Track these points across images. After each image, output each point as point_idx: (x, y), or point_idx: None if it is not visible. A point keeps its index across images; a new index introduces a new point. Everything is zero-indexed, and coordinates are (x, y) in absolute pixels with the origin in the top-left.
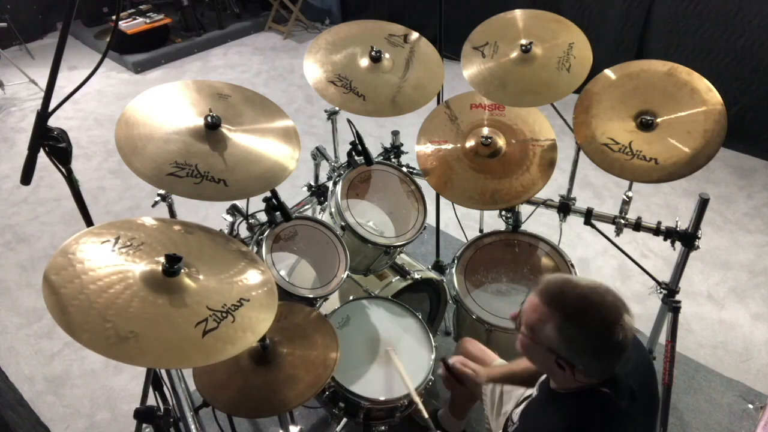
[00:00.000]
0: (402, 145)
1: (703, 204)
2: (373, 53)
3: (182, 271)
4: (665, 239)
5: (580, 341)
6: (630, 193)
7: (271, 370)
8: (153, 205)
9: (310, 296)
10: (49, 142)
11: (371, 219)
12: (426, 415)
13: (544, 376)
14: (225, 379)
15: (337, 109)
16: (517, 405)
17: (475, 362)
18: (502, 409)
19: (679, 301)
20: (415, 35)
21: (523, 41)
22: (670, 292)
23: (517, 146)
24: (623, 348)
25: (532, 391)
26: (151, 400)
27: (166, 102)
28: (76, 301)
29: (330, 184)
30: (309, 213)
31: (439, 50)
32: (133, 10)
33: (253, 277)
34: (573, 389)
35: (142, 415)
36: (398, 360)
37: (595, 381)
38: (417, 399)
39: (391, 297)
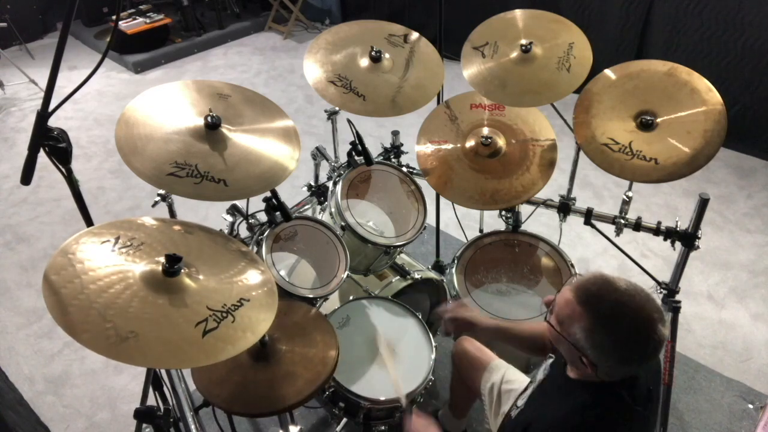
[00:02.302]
0: (402, 145)
1: (703, 204)
2: (373, 53)
3: (182, 271)
4: (665, 239)
5: (608, 347)
6: (630, 193)
7: (269, 367)
8: (153, 205)
9: (310, 296)
10: (49, 142)
11: (371, 219)
12: (403, 402)
13: (553, 359)
14: (223, 375)
15: (337, 109)
16: (524, 391)
17: (473, 361)
18: (501, 409)
19: (679, 301)
20: (415, 35)
21: (523, 41)
22: (670, 292)
23: (517, 146)
24: (650, 357)
25: (537, 375)
26: (151, 400)
27: (166, 102)
28: (76, 301)
29: (330, 184)
30: (309, 213)
31: (439, 50)
32: (133, 10)
33: (253, 277)
34: (592, 381)
35: (142, 415)
36: (389, 357)
37: (613, 380)
38: (402, 391)
39: (391, 297)
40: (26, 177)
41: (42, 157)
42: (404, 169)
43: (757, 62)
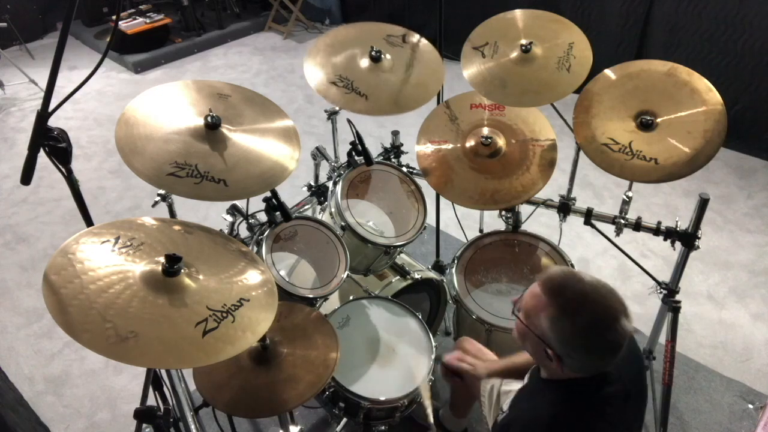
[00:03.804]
0: (402, 145)
1: (703, 204)
2: (373, 53)
3: (182, 271)
4: (665, 239)
5: (570, 335)
6: (630, 193)
7: (271, 370)
8: (153, 205)
9: (310, 296)
10: (49, 142)
11: (371, 219)
12: (431, 419)
13: (535, 365)
14: (225, 379)
15: (337, 108)
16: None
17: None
18: (500, 410)
19: (679, 301)
20: (413, 36)
21: (523, 41)
22: (670, 292)
23: (517, 146)
24: (613, 350)
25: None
26: (151, 400)
27: (166, 102)
28: (76, 301)
29: (330, 184)
30: (309, 213)
31: (439, 50)
32: (133, 10)
33: (253, 277)
34: (562, 379)
35: (142, 415)
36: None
37: (584, 376)
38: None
39: (391, 297)
40: (26, 177)
41: (42, 157)
42: (404, 169)
43: (757, 62)
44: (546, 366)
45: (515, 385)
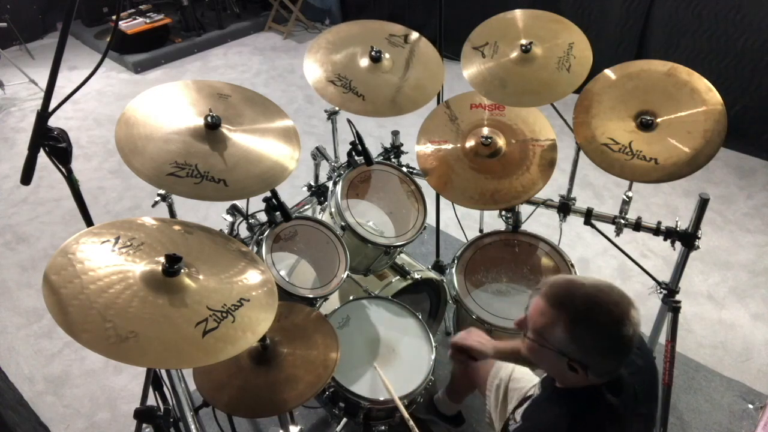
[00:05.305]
0: (402, 145)
1: (703, 204)
2: (373, 53)
3: (182, 271)
4: (665, 239)
5: (591, 341)
6: (630, 193)
7: (271, 370)
8: (153, 205)
9: (310, 296)
10: (49, 142)
11: (371, 219)
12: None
13: (546, 374)
14: (225, 379)
15: (337, 109)
16: (520, 404)
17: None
18: (507, 406)
19: (679, 301)
20: (415, 35)
21: (523, 41)
22: (670, 292)
23: (517, 146)
24: (632, 343)
25: (536, 390)
26: (151, 400)
27: (166, 102)
28: (76, 301)
29: (330, 184)
30: (309, 213)
31: (439, 50)
32: (133, 10)
33: (253, 277)
34: (577, 388)
35: (142, 415)
36: (383, 374)
37: (601, 381)
38: (402, 408)
39: (391, 297)
40: (26, 177)
41: (42, 157)
42: (404, 169)
43: (757, 62)
44: (568, 378)
45: (523, 383)
